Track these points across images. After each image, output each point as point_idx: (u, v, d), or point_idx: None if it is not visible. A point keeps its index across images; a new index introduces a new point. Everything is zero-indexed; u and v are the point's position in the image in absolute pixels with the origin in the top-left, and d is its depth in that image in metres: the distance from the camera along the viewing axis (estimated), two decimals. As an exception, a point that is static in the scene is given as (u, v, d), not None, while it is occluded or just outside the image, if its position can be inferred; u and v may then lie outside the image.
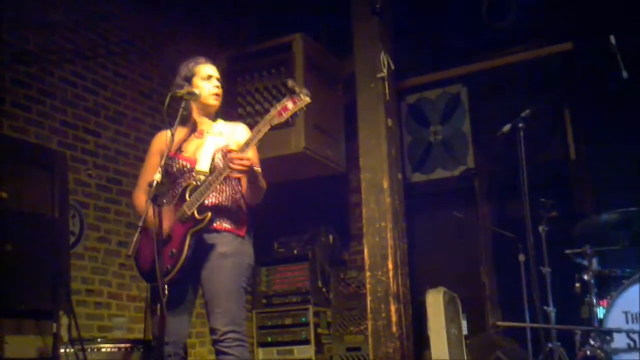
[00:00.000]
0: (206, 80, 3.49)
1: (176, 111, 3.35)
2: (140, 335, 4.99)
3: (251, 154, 3.38)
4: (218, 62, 3.70)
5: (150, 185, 3.12)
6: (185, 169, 3.44)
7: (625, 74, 4.17)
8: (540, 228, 4.45)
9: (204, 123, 3.57)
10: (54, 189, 4.31)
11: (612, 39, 4.21)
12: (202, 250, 3.32)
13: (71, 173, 4.90)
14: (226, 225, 3.39)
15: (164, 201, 3.26)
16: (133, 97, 5.68)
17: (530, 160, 4.33)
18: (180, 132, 3.51)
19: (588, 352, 3.85)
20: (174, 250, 3.26)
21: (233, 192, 3.46)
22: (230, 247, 3.36)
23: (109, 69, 5.49)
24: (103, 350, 4.00)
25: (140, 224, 3.03)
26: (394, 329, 4.42)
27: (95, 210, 5.19)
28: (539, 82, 5.70)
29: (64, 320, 4.04)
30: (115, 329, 4.96)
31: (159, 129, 3.75)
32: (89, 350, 3.92)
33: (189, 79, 3.51)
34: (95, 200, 5.20)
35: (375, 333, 4.47)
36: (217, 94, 3.50)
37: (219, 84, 3.51)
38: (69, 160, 4.87)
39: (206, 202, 3.32)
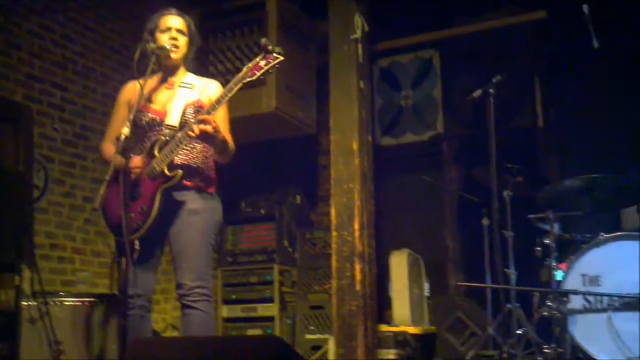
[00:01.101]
0: (164, 32, 3.45)
1: (145, 66, 3.32)
2: (105, 290, 5.00)
3: (221, 113, 3.38)
4: (191, 18, 3.64)
5: (117, 139, 3.11)
6: (154, 122, 3.42)
7: (596, 44, 4.22)
8: (505, 193, 4.51)
9: (174, 75, 3.54)
10: (19, 142, 4.27)
11: (585, 8, 4.24)
12: (171, 206, 3.32)
13: (36, 127, 4.84)
14: (196, 182, 3.40)
15: (132, 155, 3.26)
16: (102, 52, 5.59)
17: (499, 127, 4.38)
18: (150, 82, 3.48)
19: (545, 313, 3.95)
20: (144, 207, 3.26)
21: (203, 150, 3.45)
22: (200, 203, 3.38)
23: (78, 22, 5.39)
24: (66, 304, 4.00)
25: (107, 177, 3.02)
26: (358, 287, 4.48)
27: (61, 165, 5.14)
28: (511, 49, 5.72)
29: (27, 274, 4.03)
30: (79, 283, 4.96)
31: (127, 84, 3.72)
32: (51, 303, 3.92)
33: (152, 32, 3.48)
34: (61, 154, 5.14)
35: (339, 291, 4.52)
36: (173, 46, 3.43)
37: (176, 35, 3.45)
38: (35, 114, 4.80)
39: (176, 159, 3.32)
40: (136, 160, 3.31)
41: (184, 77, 3.55)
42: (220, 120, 3.41)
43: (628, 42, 5.15)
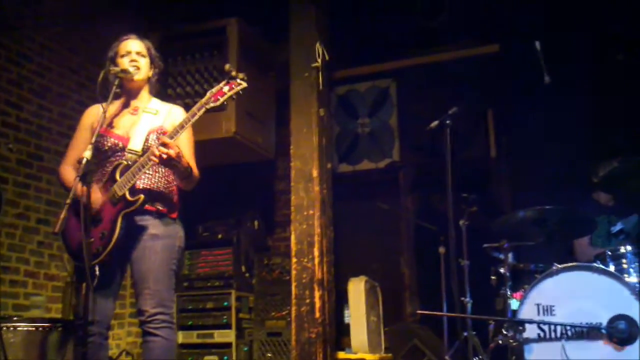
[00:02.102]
0: (124, 56, 3.46)
1: (107, 90, 3.31)
2: (59, 315, 4.89)
3: (186, 138, 3.38)
4: (151, 40, 3.65)
5: (79, 162, 3.07)
6: (117, 147, 3.39)
7: (547, 79, 4.37)
8: (461, 222, 4.60)
9: (137, 99, 3.53)
10: (-29, 161, 4.17)
11: (537, 44, 4.40)
12: (132, 231, 3.29)
13: (-10, 146, 4.75)
14: (158, 206, 3.38)
15: (93, 179, 3.22)
16: (59, 72, 5.52)
17: (455, 156, 4.48)
18: (113, 106, 3.46)
19: (501, 342, 4.02)
20: (105, 232, 3.22)
21: (166, 174, 3.44)
22: (162, 229, 3.36)
23: (35, 41, 5.32)
24: (19, 329, 3.90)
25: (68, 200, 2.98)
26: (318, 314, 4.49)
27: (15, 186, 5.03)
28: (465, 80, 5.86)
29: (-22, 297, 3.92)
30: (32, 307, 4.83)
31: (85, 105, 3.70)
32: (4, 328, 3.82)
33: (112, 59, 3.49)
34: (15, 175, 5.05)
35: (298, 318, 4.53)
36: (133, 67, 3.43)
37: (136, 58, 3.46)
38: (-11, 133, 4.72)
39: (138, 183, 3.29)
40: (96, 193, 3.26)
41: (149, 102, 3.55)
42: (185, 145, 3.41)
43: (579, 75, 5.35)
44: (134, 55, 3.47)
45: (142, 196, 3.25)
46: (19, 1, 5.17)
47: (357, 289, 5.20)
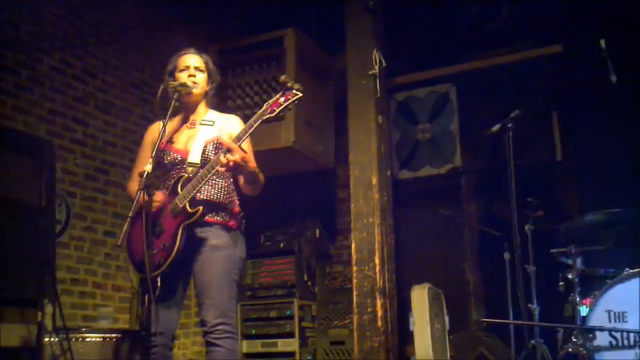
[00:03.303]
0: (183, 71, 3.50)
1: (167, 104, 3.37)
2: (126, 326, 4.99)
3: (245, 148, 3.40)
4: (209, 54, 3.70)
5: (140, 175, 3.13)
6: (176, 161, 3.44)
7: (614, 78, 4.22)
8: (526, 227, 4.50)
9: (195, 113, 3.57)
10: (41, 177, 4.29)
11: (603, 43, 4.25)
12: (194, 243, 3.32)
13: (59, 162, 4.88)
14: (218, 217, 3.40)
15: (156, 192, 3.28)
16: (122, 88, 5.66)
17: (518, 160, 4.37)
18: (172, 123, 3.52)
19: (570, 350, 3.90)
20: (166, 244, 3.26)
21: (226, 184, 3.47)
22: (223, 239, 3.38)
23: (98, 58, 5.47)
24: (88, 340, 3.99)
25: (131, 214, 3.04)
26: (380, 323, 4.45)
27: (82, 200, 5.17)
28: (527, 83, 5.74)
29: (49, 309, 4.01)
30: (100, 318, 4.95)
31: (147, 119, 3.77)
32: (74, 339, 3.91)
33: (172, 73, 3.54)
34: (82, 189, 5.19)
35: (360, 327, 4.50)
36: (192, 82, 3.47)
37: (194, 73, 3.50)
38: (57, 149, 4.85)
39: (198, 195, 3.33)
40: (159, 195, 3.33)
41: (206, 114, 3.59)
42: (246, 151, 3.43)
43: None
44: (192, 70, 3.51)
45: (201, 208, 3.28)
46: (82, 21, 5.32)
47: (420, 296, 5.12)
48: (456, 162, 6.24)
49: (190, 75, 3.49)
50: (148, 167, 3.12)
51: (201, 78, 3.53)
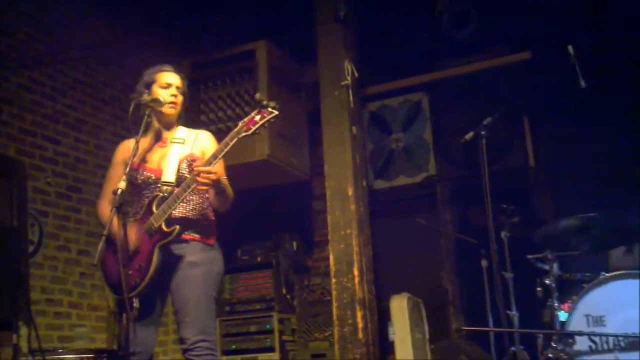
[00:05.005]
0: (164, 88, 3.47)
1: (139, 119, 3.33)
2: (103, 345, 4.92)
3: (217, 166, 3.37)
4: (182, 68, 3.68)
5: (114, 193, 3.08)
6: (150, 180, 3.40)
7: (583, 83, 4.27)
8: (503, 234, 4.52)
9: (166, 131, 3.54)
10: (12, 197, 4.23)
11: (570, 48, 4.30)
12: (171, 261, 3.29)
13: (30, 181, 4.81)
14: (194, 235, 3.37)
15: (129, 210, 3.23)
16: (93, 104, 5.61)
17: (492, 167, 4.40)
18: (144, 141, 3.48)
19: (551, 355, 3.91)
20: (142, 264, 3.22)
21: (200, 201, 3.44)
22: (200, 256, 3.35)
23: (67, 76, 5.41)
24: (65, 361, 3.93)
25: (105, 232, 3.00)
26: (360, 335, 4.44)
27: (55, 219, 5.10)
28: (498, 90, 5.78)
29: (24, 331, 3.95)
30: (77, 338, 4.87)
31: (119, 136, 3.73)
32: (50, 361, 3.85)
33: (148, 86, 3.49)
34: (55, 208, 5.11)
35: (341, 339, 4.48)
36: (173, 103, 3.46)
37: (177, 92, 3.48)
38: (28, 168, 4.79)
39: (174, 213, 3.29)
40: (132, 230, 3.27)
41: (176, 132, 3.56)
42: (218, 169, 3.40)
43: (615, 80, 5.23)
44: (174, 89, 3.48)
45: (177, 227, 3.25)
46: (49, 37, 5.26)
47: (399, 306, 5.12)
48: (431, 170, 6.25)
49: (172, 95, 3.46)
50: (122, 185, 3.08)
51: (180, 99, 3.52)
